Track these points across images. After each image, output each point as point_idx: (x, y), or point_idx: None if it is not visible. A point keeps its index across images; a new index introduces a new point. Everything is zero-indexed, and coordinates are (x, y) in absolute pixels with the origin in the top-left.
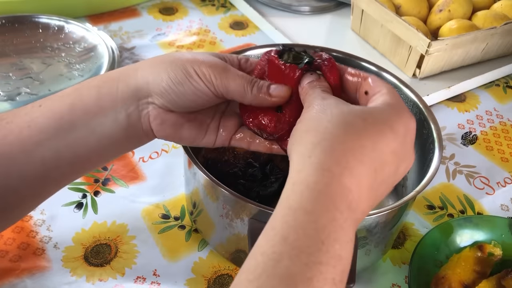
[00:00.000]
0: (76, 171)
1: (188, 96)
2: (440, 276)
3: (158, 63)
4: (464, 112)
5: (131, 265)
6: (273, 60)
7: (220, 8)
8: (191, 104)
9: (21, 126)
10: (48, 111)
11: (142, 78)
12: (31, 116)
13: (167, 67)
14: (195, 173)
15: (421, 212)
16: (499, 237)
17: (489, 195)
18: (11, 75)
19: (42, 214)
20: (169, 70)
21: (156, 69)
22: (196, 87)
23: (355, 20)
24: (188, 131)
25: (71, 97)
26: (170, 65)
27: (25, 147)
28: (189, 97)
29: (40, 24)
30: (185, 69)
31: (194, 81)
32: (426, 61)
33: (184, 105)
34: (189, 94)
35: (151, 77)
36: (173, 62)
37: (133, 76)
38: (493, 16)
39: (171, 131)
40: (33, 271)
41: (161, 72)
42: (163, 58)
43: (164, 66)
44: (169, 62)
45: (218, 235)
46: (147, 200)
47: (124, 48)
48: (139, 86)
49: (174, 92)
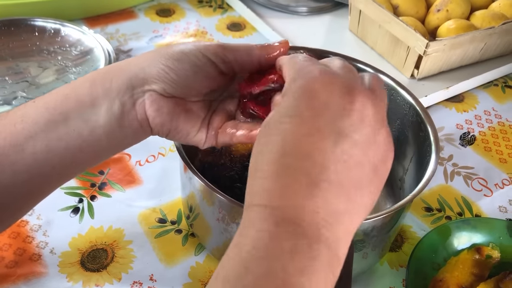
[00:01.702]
0: (67, 167)
1: (188, 72)
2: (438, 279)
3: (152, 52)
4: (462, 112)
5: (127, 270)
6: None
7: (217, 10)
8: (191, 83)
9: (14, 120)
10: (41, 105)
11: (136, 66)
12: (24, 111)
13: (162, 51)
14: (190, 178)
15: (419, 215)
16: (497, 239)
17: (487, 196)
18: (7, 79)
19: (39, 219)
20: (164, 53)
21: (151, 55)
22: (196, 63)
23: (353, 20)
24: (184, 121)
25: (65, 91)
26: (165, 49)
27: (17, 140)
28: (189, 73)
29: (36, 27)
30: (184, 47)
31: (194, 56)
32: (424, 62)
33: (184, 84)
34: (189, 70)
35: (146, 63)
36: (169, 47)
37: (127, 66)
38: (491, 15)
39: (167, 119)
40: (29, 277)
41: (156, 57)
42: (159, 47)
43: (159, 52)
44: (164, 48)
45: (215, 239)
46: (143, 204)
47: (121, 50)
48: (133, 73)
49: (172, 71)
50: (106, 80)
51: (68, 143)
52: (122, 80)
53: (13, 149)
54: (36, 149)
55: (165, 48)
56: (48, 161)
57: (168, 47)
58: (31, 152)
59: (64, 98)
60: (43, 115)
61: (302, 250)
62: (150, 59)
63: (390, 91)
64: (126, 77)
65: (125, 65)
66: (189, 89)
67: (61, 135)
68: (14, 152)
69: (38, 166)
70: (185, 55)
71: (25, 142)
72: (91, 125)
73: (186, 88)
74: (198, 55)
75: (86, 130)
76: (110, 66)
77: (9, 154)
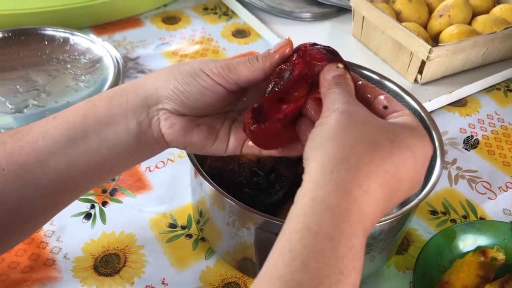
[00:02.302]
0: (89, 181)
1: (196, 95)
2: (443, 281)
3: (166, 71)
4: (465, 116)
5: (140, 274)
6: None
7: (222, 17)
8: (200, 104)
9: (36, 137)
10: (61, 122)
11: (151, 86)
12: (45, 127)
13: (174, 71)
14: (201, 183)
15: (424, 218)
16: (502, 241)
17: (491, 200)
18: (19, 87)
19: (52, 225)
20: (176, 74)
21: (164, 76)
22: (203, 85)
23: (356, 26)
24: (197, 136)
25: (84, 108)
26: (177, 69)
27: (40, 157)
28: (197, 96)
29: (45, 36)
30: (191, 70)
31: (200, 79)
32: (427, 67)
33: (194, 105)
34: (197, 93)
35: (159, 84)
36: (180, 66)
37: (142, 86)
38: (493, 20)
39: (180, 135)
40: (44, 281)
41: (168, 77)
42: (172, 66)
43: (171, 71)
44: (176, 67)
45: (225, 243)
46: (154, 210)
47: (128, 58)
48: (148, 94)
49: (182, 93)
50: (123, 99)
51: (89, 160)
52: (138, 100)
53: (37, 165)
54: (58, 165)
55: (176, 68)
56: (71, 177)
57: (180, 66)
58: (53, 168)
59: (83, 116)
60: (63, 133)
61: None
62: (163, 79)
63: (395, 97)
64: (141, 97)
65: (141, 84)
66: (199, 109)
67: (81, 153)
68: (38, 168)
69: (60, 181)
70: (193, 79)
71: (48, 158)
72: (110, 144)
73: (196, 109)
74: (205, 78)
75: (105, 148)
76: (127, 84)
77: (33, 170)
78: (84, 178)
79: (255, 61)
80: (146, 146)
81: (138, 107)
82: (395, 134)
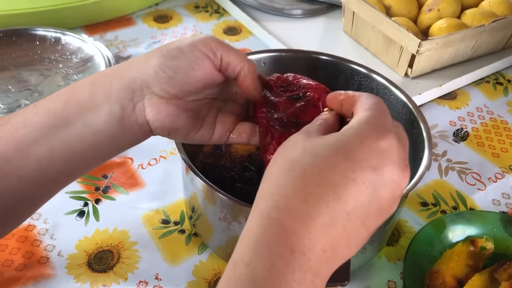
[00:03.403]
0: (72, 170)
1: (185, 68)
2: (434, 271)
3: (150, 53)
4: (455, 109)
5: (133, 270)
6: None
7: (213, 14)
8: (189, 80)
9: (16, 126)
10: (42, 109)
11: (134, 69)
12: (25, 116)
13: (159, 50)
14: (192, 179)
15: (415, 209)
16: (491, 231)
17: (480, 190)
18: (10, 87)
19: (45, 223)
20: (162, 52)
21: (149, 55)
22: (191, 59)
23: (347, 22)
24: (184, 121)
25: (66, 95)
26: (163, 47)
27: (20, 146)
28: (186, 69)
29: (37, 36)
30: (178, 46)
31: (188, 52)
32: (417, 61)
33: (182, 80)
34: (185, 66)
35: (144, 65)
36: (164, 46)
37: (126, 70)
38: (482, 14)
39: (167, 121)
40: (38, 279)
41: (153, 56)
42: (154, 49)
43: (156, 52)
44: (163, 46)
45: (217, 238)
46: (147, 206)
47: (120, 57)
48: (132, 78)
49: (169, 68)
50: (106, 84)
51: (71, 148)
52: (122, 84)
53: (17, 155)
54: (40, 154)
55: (164, 46)
56: (53, 166)
57: (166, 44)
58: (35, 157)
59: (64, 103)
60: (45, 121)
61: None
62: (148, 59)
63: (384, 90)
64: (125, 81)
65: (125, 69)
66: (187, 85)
67: (63, 140)
68: (18, 158)
69: (43, 170)
70: (181, 52)
71: (29, 147)
72: (92, 130)
73: (184, 85)
74: (194, 50)
75: (88, 134)
76: (110, 70)
77: (13, 160)
78: (67, 167)
79: (244, 57)
80: (130, 132)
81: (121, 92)
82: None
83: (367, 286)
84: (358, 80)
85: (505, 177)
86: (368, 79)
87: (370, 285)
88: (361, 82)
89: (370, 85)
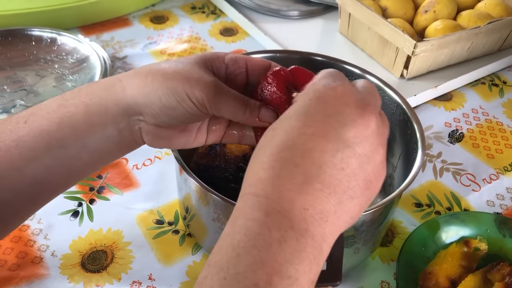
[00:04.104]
0: (70, 183)
1: (180, 118)
2: (427, 272)
3: (148, 83)
4: (450, 110)
5: (127, 270)
6: None
7: (210, 15)
8: (182, 123)
9: (8, 144)
10: (35, 129)
11: (131, 98)
12: (17, 134)
13: (158, 90)
14: (186, 179)
15: (409, 210)
16: (485, 232)
17: (475, 191)
18: (6, 88)
19: (39, 223)
20: (160, 94)
21: (146, 91)
22: (188, 111)
23: (343, 23)
24: (179, 140)
25: (58, 114)
26: (160, 87)
27: (15, 164)
28: (181, 119)
29: (33, 36)
30: (177, 94)
31: (186, 105)
32: (413, 62)
33: (175, 124)
34: (181, 116)
35: (141, 98)
36: (163, 84)
37: (121, 95)
38: (477, 15)
39: (163, 143)
40: (31, 279)
41: (151, 94)
42: (151, 76)
43: (154, 87)
44: (158, 83)
45: (211, 238)
46: (141, 207)
47: (116, 57)
48: (128, 105)
49: (166, 116)
50: (101, 108)
51: (69, 166)
52: (117, 110)
53: (12, 172)
54: (36, 172)
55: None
56: (51, 181)
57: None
58: (31, 174)
59: (58, 124)
60: (39, 141)
61: (290, 242)
62: (146, 94)
63: (378, 91)
64: (121, 107)
65: (120, 93)
66: (181, 125)
67: (61, 159)
68: (13, 175)
69: (39, 186)
70: (178, 104)
71: (25, 166)
72: (90, 150)
73: (178, 125)
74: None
75: (85, 154)
76: (104, 91)
77: (8, 176)
78: (65, 181)
79: (240, 112)
80: (127, 148)
81: (117, 117)
82: None
83: (360, 286)
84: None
85: (500, 178)
86: None
87: (363, 286)
88: None
89: None
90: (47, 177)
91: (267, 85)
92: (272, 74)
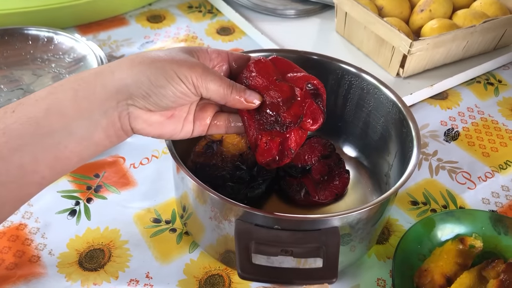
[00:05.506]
0: (57, 173)
1: (170, 97)
2: (423, 269)
3: (135, 64)
4: (446, 109)
5: (124, 268)
6: None
7: (206, 15)
8: (171, 104)
9: None
10: (22, 117)
11: (120, 80)
12: (5, 123)
13: (146, 70)
14: (183, 178)
15: (405, 208)
16: (480, 229)
17: (470, 189)
18: (3, 87)
19: (37, 222)
20: (148, 74)
21: (135, 71)
22: (178, 89)
23: (339, 22)
24: (167, 128)
25: (46, 101)
26: (149, 67)
27: (1, 153)
28: (171, 98)
29: (29, 36)
30: (165, 72)
31: (175, 83)
32: (409, 61)
33: (165, 105)
34: (171, 95)
35: (129, 80)
36: (151, 64)
37: (110, 79)
38: (473, 14)
39: (151, 129)
40: (29, 277)
41: (140, 75)
42: (139, 59)
43: (142, 68)
44: (147, 64)
45: (208, 236)
46: (138, 205)
47: (113, 56)
48: (117, 88)
49: (155, 95)
50: (89, 91)
51: (56, 154)
52: (106, 93)
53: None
54: (23, 161)
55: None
56: (37, 171)
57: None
58: (17, 164)
59: (46, 110)
60: (26, 129)
61: None
62: (134, 75)
63: (374, 89)
64: (109, 91)
65: (108, 77)
66: (170, 107)
67: (48, 148)
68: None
69: (26, 175)
70: (167, 82)
71: (11, 155)
72: (77, 138)
73: (167, 107)
74: (179, 83)
75: (72, 142)
76: (92, 75)
77: None
78: (51, 171)
79: (228, 92)
80: (114, 137)
81: (106, 101)
82: None
83: (356, 284)
84: (349, 80)
85: (495, 176)
86: (358, 78)
87: (359, 283)
88: (352, 82)
89: (360, 85)
90: (33, 167)
91: (250, 72)
92: (253, 63)
